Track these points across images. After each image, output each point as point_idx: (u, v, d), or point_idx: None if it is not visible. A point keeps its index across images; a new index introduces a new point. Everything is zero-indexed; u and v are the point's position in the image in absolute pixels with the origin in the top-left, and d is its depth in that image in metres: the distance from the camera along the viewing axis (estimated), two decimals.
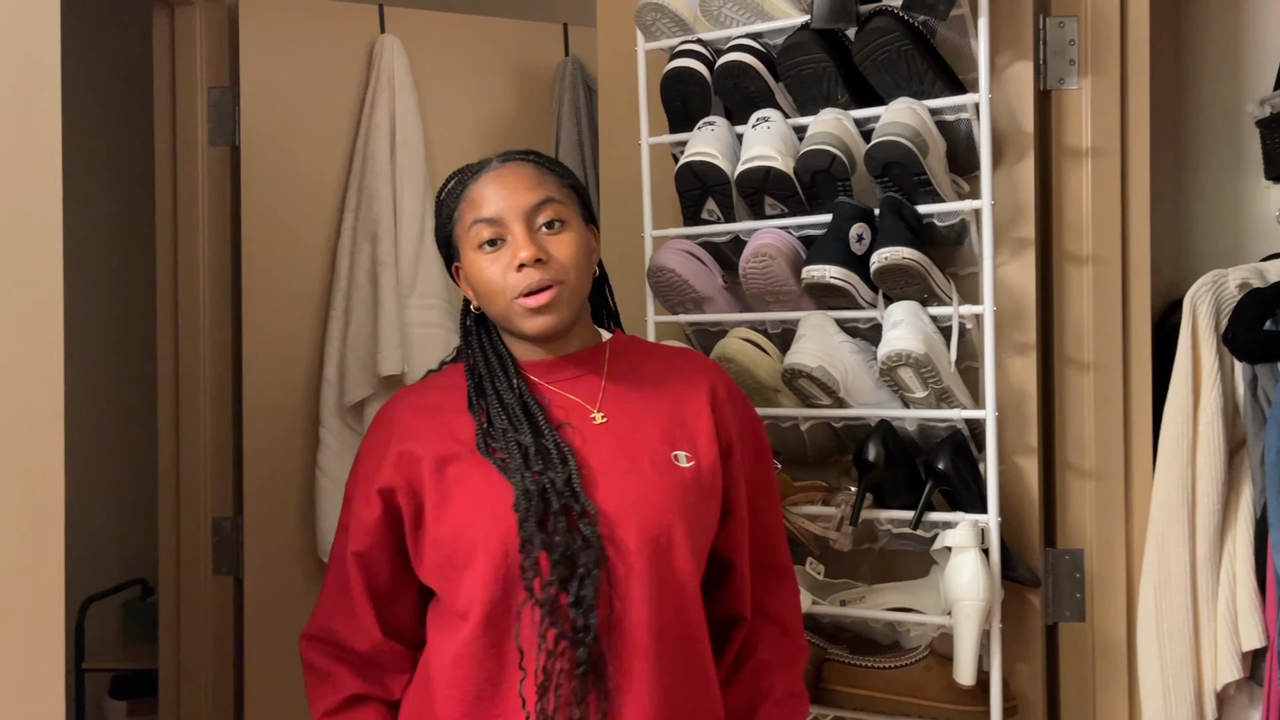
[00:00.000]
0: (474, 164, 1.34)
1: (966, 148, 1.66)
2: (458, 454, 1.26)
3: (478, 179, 1.30)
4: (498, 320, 1.30)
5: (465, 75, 2.40)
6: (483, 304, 1.30)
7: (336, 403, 2.23)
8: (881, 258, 1.56)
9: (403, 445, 1.28)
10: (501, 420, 1.26)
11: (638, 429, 1.29)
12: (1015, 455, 1.70)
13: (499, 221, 1.26)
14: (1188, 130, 2.00)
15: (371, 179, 2.24)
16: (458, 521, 1.24)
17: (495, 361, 1.31)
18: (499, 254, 1.25)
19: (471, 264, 1.28)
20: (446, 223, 1.32)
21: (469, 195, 1.29)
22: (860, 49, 1.60)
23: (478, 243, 1.27)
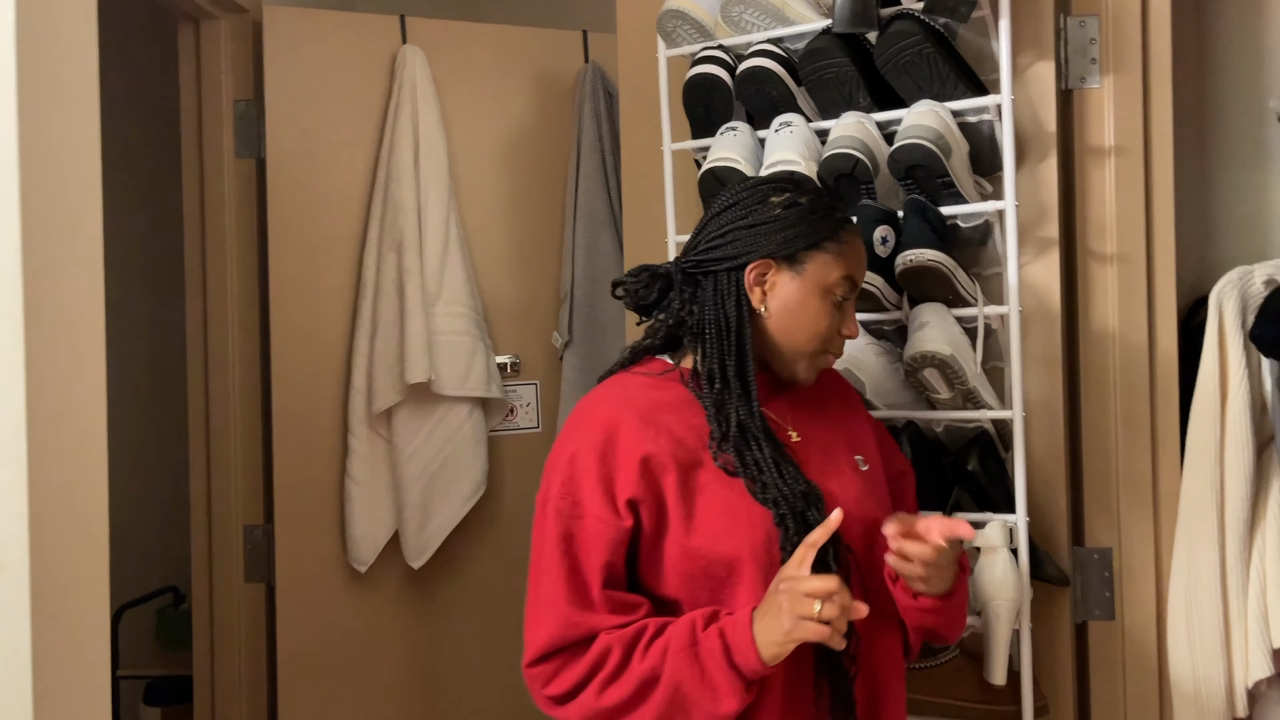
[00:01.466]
0: (837, 202, 1.39)
1: (989, 149, 1.66)
2: (695, 462, 1.25)
3: (847, 233, 1.32)
4: (782, 347, 1.31)
5: (487, 84, 2.42)
6: (783, 331, 1.30)
7: (365, 411, 2.25)
8: (906, 260, 1.57)
9: (642, 451, 1.23)
10: (739, 435, 1.26)
11: (830, 442, 1.35)
12: (1042, 455, 1.70)
13: (856, 288, 1.34)
14: (1211, 127, 2.00)
15: (396, 188, 2.27)
16: (711, 532, 1.23)
17: (748, 376, 1.28)
18: (838, 311, 1.31)
19: (807, 301, 1.29)
20: (805, 238, 1.28)
21: (845, 243, 1.31)
22: (882, 52, 1.61)
23: (834, 294, 1.30)
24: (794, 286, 1.29)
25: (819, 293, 1.29)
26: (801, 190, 1.32)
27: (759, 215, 1.30)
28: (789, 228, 1.29)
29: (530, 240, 2.44)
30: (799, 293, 1.29)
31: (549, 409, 2.43)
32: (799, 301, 1.29)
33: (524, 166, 2.44)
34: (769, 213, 1.29)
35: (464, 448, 2.28)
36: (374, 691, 2.33)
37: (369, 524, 2.25)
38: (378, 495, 2.26)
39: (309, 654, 2.27)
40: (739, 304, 1.30)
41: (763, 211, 1.30)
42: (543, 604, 1.25)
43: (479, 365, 2.26)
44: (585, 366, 2.36)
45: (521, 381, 2.42)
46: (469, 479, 2.29)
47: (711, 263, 1.31)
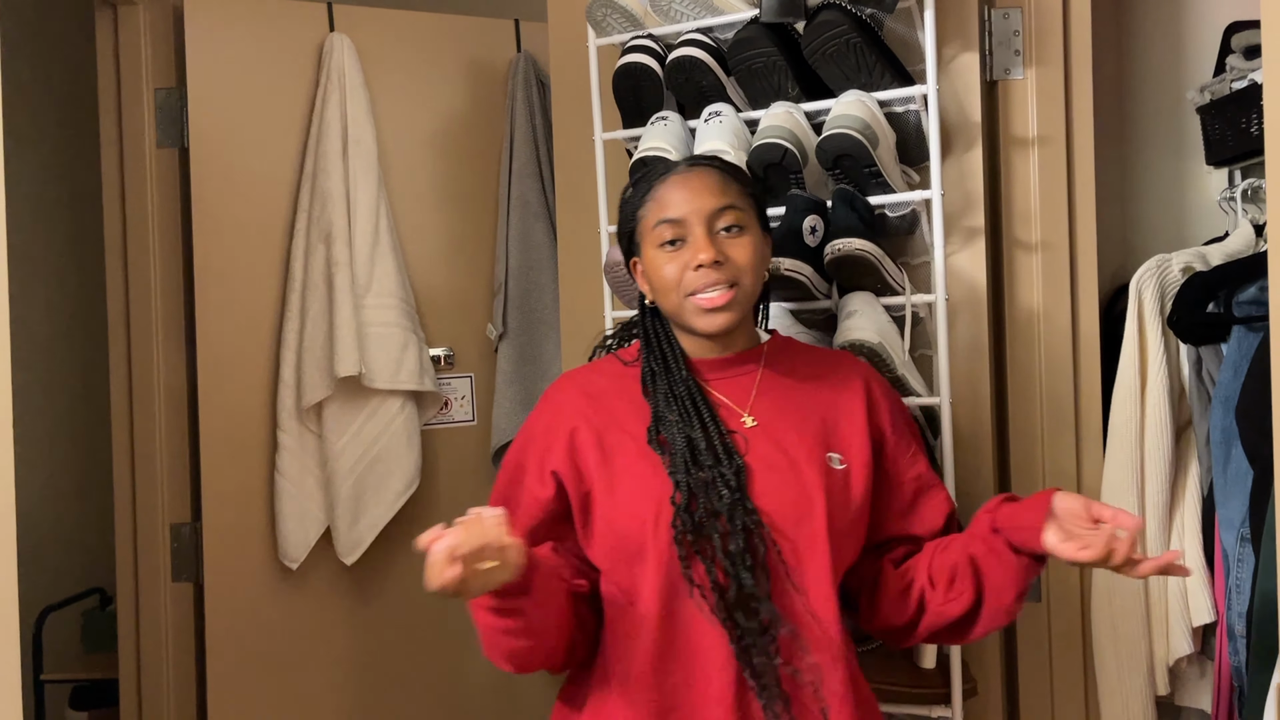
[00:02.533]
0: (661, 166, 1.39)
1: (916, 139, 1.68)
2: (623, 443, 1.31)
3: (665, 180, 1.34)
4: (671, 315, 1.35)
5: (417, 72, 2.38)
6: (658, 299, 1.35)
7: (294, 405, 2.21)
8: (834, 249, 1.58)
9: (574, 426, 1.32)
10: (672, 413, 1.30)
11: (790, 431, 1.33)
12: (970, 440, 1.73)
13: (682, 223, 1.31)
14: (1131, 118, 2.04)
15: (324, 179, 2.23)
16: (628, 511, 1.28)
17: (669, 354, 1.35)
18: (679, 253, 1.31)
19: (651, 260, 1.33)
20: (630, 219, 1.37)
21: (655, 195, 1.34)
22: (809, 42, 1.62)
23: (659, 241, 1.32)
24: (648, 259, 1.35)
25: (651, 253, 1.33)
26: (634, 177, 1.39)
27: (619, 224, 1.41)
28: (621, 226, 1.39)
29: (463, 231, 2.42)
30: (648, 261, 1.34)
31: (484, 402, 2.41)
32: (652, 270, 1.33)
33: (456, 157, 2.41)
34: (619, 211, 1.40)
35: (397, 442, 2.25)
36: (307, 691, 2.30)
37: (300, 520, 2.21)
38: (308, 491, 2.22)
39: (239, 654, 2.23)
40: (643, 300, 1.40)
41: (619, 219, 1.40)
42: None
43: (411, 358, 2.24)
44: (520, 358, 2.34)
45: (456, 374, 2.40)
46: (402, 474, 2.26)
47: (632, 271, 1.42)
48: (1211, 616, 1.65)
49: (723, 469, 1.25)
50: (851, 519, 1.32)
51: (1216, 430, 1.61)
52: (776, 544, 1.25)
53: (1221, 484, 1.60)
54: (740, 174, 1.39)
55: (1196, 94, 1.93)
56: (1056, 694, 1.77)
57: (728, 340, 1.36)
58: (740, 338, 1.37)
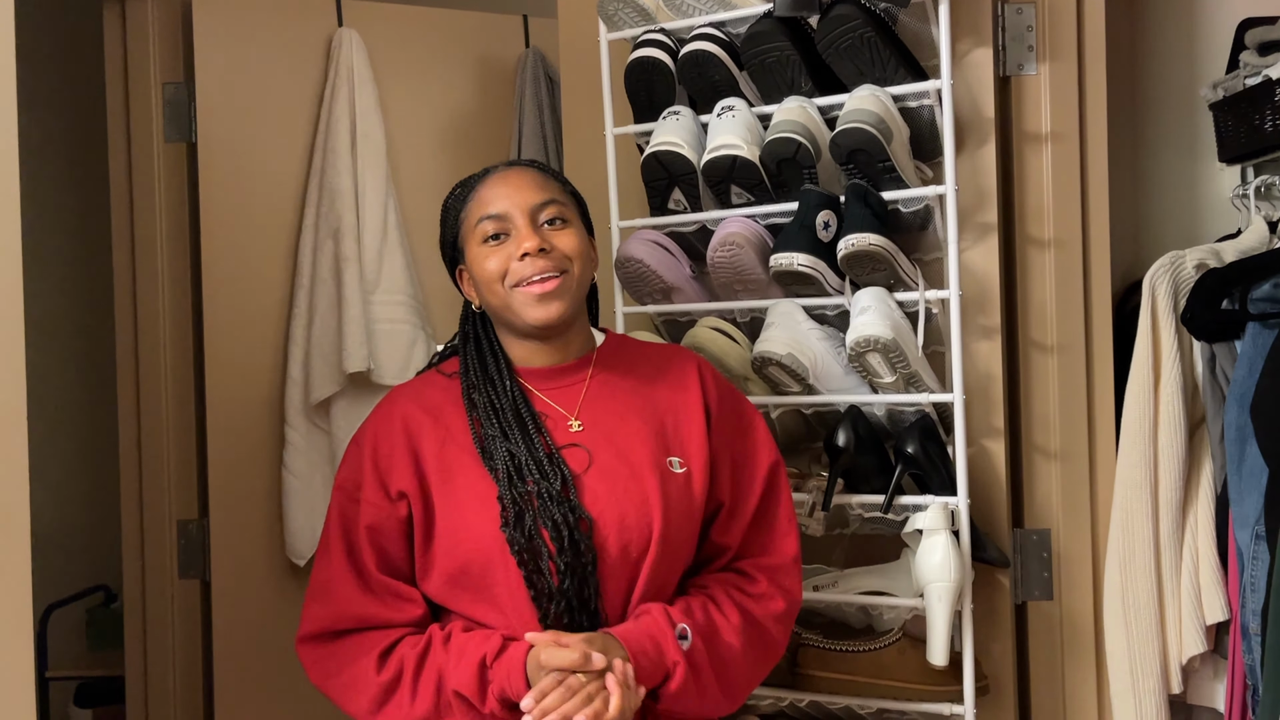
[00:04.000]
0: (479, 172, 1.38)
1: (929, 134, 1.67)
2: (462, 460, 1.28)
3: (484, 181, 1.35)
4: (498, 312, 1.32)
5: (425, 68, 2.37)
6: (484, 298, 1.32)
7: (302, 401, 2.21)
8: (848, 244, 1.57)
9: (414, 445, 1.29)
10: (493, 426, 1.28)
11: (622, 435, 1.30)
12: (982, 438, 1.72)
13: (504, 217, 1.30)
14: (1144, 114, 2.03)
15: (332, 174, 2.22)
16: (466, 530, 1.25)
17: (491, 363, 1.33)
18: (502, 246, 1.30)
19: (475, 258, 1.31)
20: (453, 225, 1.36)
21: (475, 196, 1.33)
22: (823, 37, 1.61)
23: (482, 238, 1.31)
24: (471, 258, 1.33)
25: (473, 252, 1.32)
26: (453, 188, 1.39)
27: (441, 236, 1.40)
28: (443, 238, 1.38)
29: None
30: (472, 260, 1.33)
31: None
32: (476, 267, 1.32)
33: (465, 152, 2.40)
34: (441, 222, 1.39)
35: None
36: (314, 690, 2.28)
37: (307, 517, 2.21)
38: (316, 487, 2.21)
39: (246, 651, 2.22)
40: (467, 310, 1.39)
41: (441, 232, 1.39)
42: (320, 584, 1.31)
43: (419, 354, 2.23)
44: None
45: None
46: None
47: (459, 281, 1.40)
48: (1225, 615, 1.64)
49: (549, 482, 1.23)
50: (692, 524, 1.31)
51: (1231, 428, 1.60)
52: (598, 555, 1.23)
53: (1236, 481, 1.59)
54: (559, 174, 1.41)
55: (1209, 91, 1.92)
56: (1068, 691, 1.76)
57: (563, 344, 1.33)
58: (575, 342, 1.35)
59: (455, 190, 1.38)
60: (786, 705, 1.75)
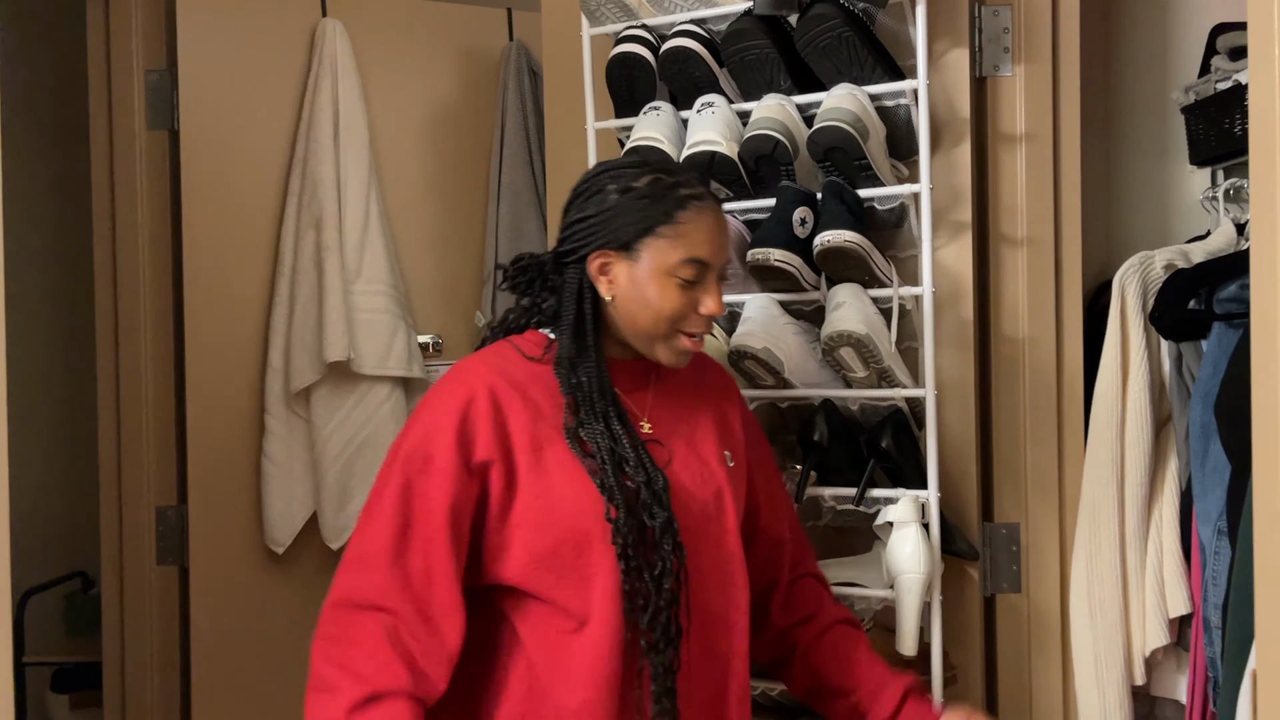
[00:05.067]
0: (681, 179, 1.32)
1: (906, 133, 1.70)
2: (552, 438, 1.26)
3: (698, 211, 1.30)
4: (636, 333, 1.31)
5: (409, 60, 2.38)
6: (633, 312, 1.30)
7: (282, 390, 2.22)
8: (824, 241, 1.60)
9: (502, 417, 1.24)
10: (593, 416, 1.27)
11: (696, 436, 1.36)
12: (954, 432, 1.75)
13: (709, 268, 1.30)
14: (1117, 117, 2.06)
15: (315, 164, 2.23)
16: (563, 510, 1.24)
17: (593, 355, 1.29)
18: (690, 291, 1.29)
19: (656, 283, 1.28)
20: (642, 224, 1.28)
21: (687, 221, 1.28)
22: (802, 35, 1.63)
23: (679, 275, 1.28)
24: (634, 273, 1.29)
25: (660, 277, 1.28)
26: (641, 173, 1.31)
27: (595, 205, 1.30)
28: (620, 215, 1.29)
29: (453, 219, 2.42)
30: (639, 279, 1.29)
31: None
32: (640, 288, 1.28)
33: (447, 144, 2.41)
34: (604, 201, 1.30)
35: (384, 428, 2.26)
36: (292, 676, 2.29)
37: (286, 504, 2.22)
38: (295, 475, 2.23)
39: (224, 638, 2.23)
40: (585, 295, 1.30)
41: (599, 200, 1.30)
42: (363, 554, 1.25)
43: (400, 344, 2.24)
44: None
45: (444, 361, 2.40)
46: None
47: (565, 254, 1.32)
48: (1188, 608, 1.67)
49: (649, 478, 1.25)
50: (743, 513, 1.38)
51: (1196, 425, 1.63)
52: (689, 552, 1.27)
53: (1200, 478, 1.63)
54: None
55: (1181, 94, 1.95)
56: (1034, 682, 1.79)
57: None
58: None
59: (656, 183, 1.29)
60: (759, 694, 1.78)
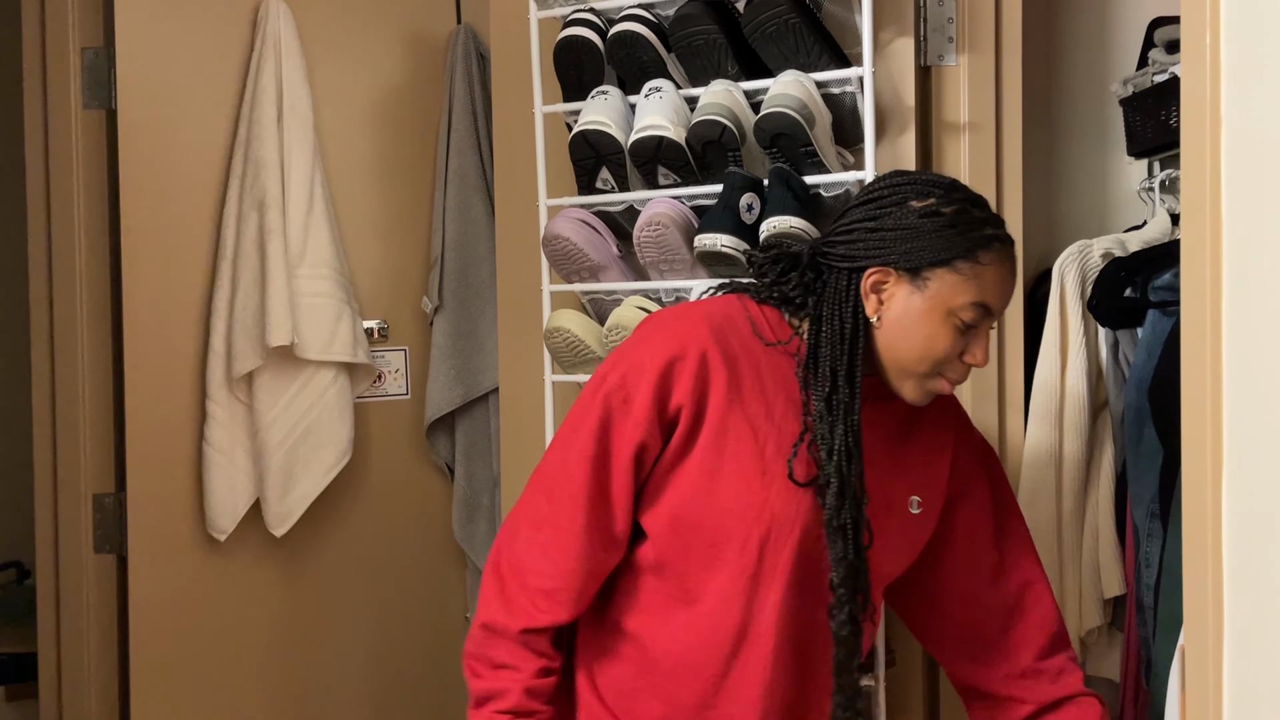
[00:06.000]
0: (988, 216, 1.25)
1: (851, 120, 1.71)
2: (741, 429, 1.21)
3: (1000, 254, 1.22)
4: (893, 362, 1.23)
5: (354, 41, 2.35)
6: (899, 345, 1.22)
7: (224, 375, 2.18)
8: (770, 227, 1.60)
9: (705, 378, 1.20)
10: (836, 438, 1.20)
11: (891, 473, 1.28)
12: None
13: (992, 315, 1.23)
14: (1058, 107, 2.10)
15: (258, 145, 2.19)
16: (723, 509, 1.22)
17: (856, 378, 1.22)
18: (959, 334, 1.21)
19: (933, 320, 1.20)
20: (942, 253, 1.19)
21: (988, 263, 1.21)
22: (749, 21, 1.64)
23: (960, 317, 1.20)
24: (912, 302, 1.20)
25: (940, 314, 1.20)
26: (950, 198, 1.22)
27: (892, 218, 1.21)
28: (919, 238, 1.20)
29: (399, 203, 2.40)
30: (916, 310, 1.20)
31: (418, 375, 2.40)
32: (915, 319, 1.20)
33: (394, 127, 2.39)
34: (903, 218, 1.21)
35: (329, 414, 2.23)
36: (234, 664, 2.27)
37: (228, 491, 2.18)
38: (238, 462, 2.19)
39: (164, 627, 2.20)
40: (854, 309, 1.22)
41: (897, 215, 1.21)
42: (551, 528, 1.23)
43: (345, 329, 2.22)
44: (456, 332, 2.33)
45: (390, 347, 2.38)
46: (334, 446, 2.24)
47: (836, 257, 1.24)
48: (1122, 589, 1.71)
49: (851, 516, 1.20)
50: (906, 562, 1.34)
51: (1130, 410, 1.67)
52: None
53: (1134, 462, 1.67)
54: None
55: (1120, 86, 1.99)
56: None
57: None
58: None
59: (962, 223, 1.20)
60: None
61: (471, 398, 2.33)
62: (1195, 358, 0.95)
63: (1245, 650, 0.91)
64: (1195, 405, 0.95)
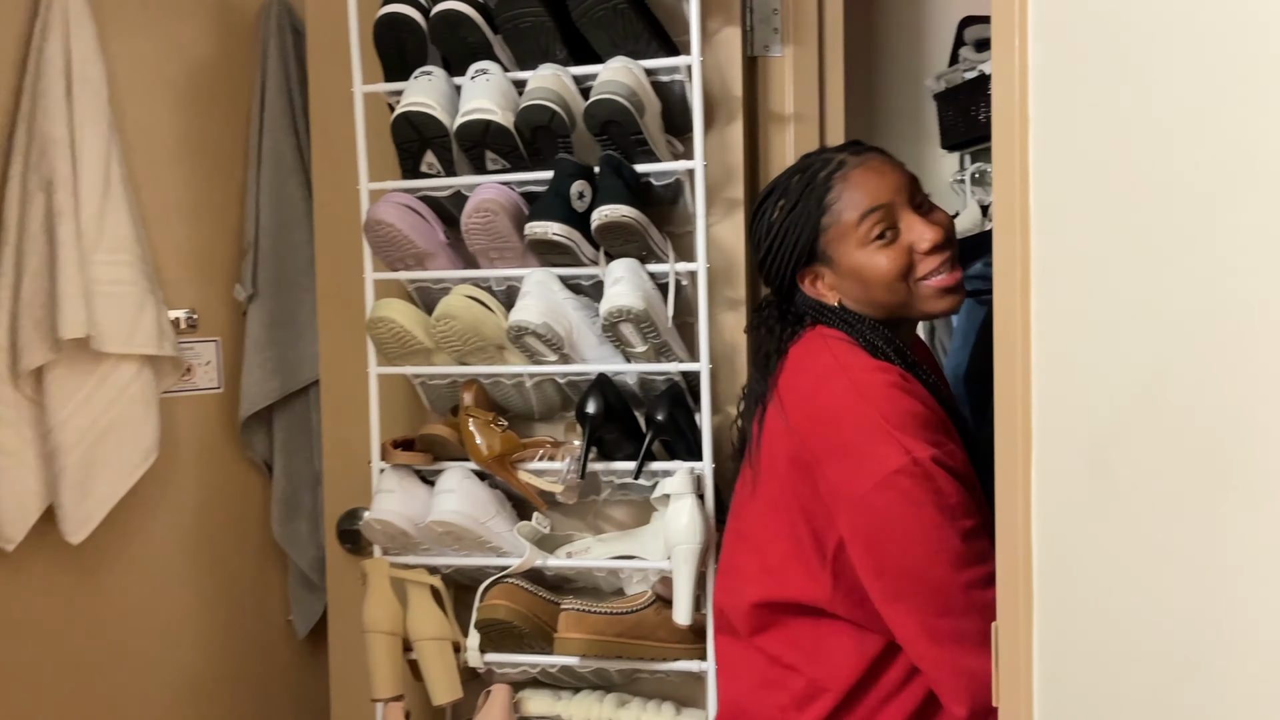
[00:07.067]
0: (819, 159, 1.30)
1: (681, 109, 1.71)
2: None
3: (843, 178, 1.27)
4: (889, 308, 1.28)
5: (155, 10, 2.18)
6: (870, 297, 1.27)
7: (9, 370, 1.99)
8: (602, 215, 1.59)
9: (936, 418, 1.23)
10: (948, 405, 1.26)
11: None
12: (727, 405, 1.78)
13: (890, 207, 1.24)
14: (877, 101, 2.17)
15: (44, 120, 2.00)
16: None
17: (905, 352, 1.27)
18: (891, 243, 1.25)
19: (859, 261, 1.26)
20: (808, 230, 1.28)
21: (836, 199, 1.26)
22: (577, 5, 1.61)
23: (869, 237, 1.25)
24: (839, 267, 1.28)
25: (861, 250, 1.27)
26: (787, 183, 1.32)
27: (770, 235, 1.32)
28: (786, 236, 1.30)
29: (209, 185, 2.25)
30: (847, 267, 1.27)
31: (232, 368, 2.27)
32: (854, 273, 1.27)
33: (201, 103, 2.23)
34: (774, 228, 1.31)
35: (132, 411, 2.07)
36: (26, 685, 2.09)
37: (18, 497, 2.00)
38: (28, 464, 2.01)
39: None
40: (826, 309, 1.31)
41: (770, 230, 1.32)
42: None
43: (148, 319, 2.06)
44: (272, 322, 2.21)
45: (200, 338, 2.24)
46: (138, 445, 2.08)
47: (779, 287, 1.36)
48: None
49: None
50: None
51: None
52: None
53: None
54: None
55: (933, 82, 2.07)
56: None
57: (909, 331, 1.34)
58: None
59: (790, 196, 1.30)
60: (539, 672, 1.77)
61: (290, 391, 2.22)
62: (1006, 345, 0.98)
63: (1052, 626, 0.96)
64: (1006, 392, 0.99)
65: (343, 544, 1.95)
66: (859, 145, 1.34)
